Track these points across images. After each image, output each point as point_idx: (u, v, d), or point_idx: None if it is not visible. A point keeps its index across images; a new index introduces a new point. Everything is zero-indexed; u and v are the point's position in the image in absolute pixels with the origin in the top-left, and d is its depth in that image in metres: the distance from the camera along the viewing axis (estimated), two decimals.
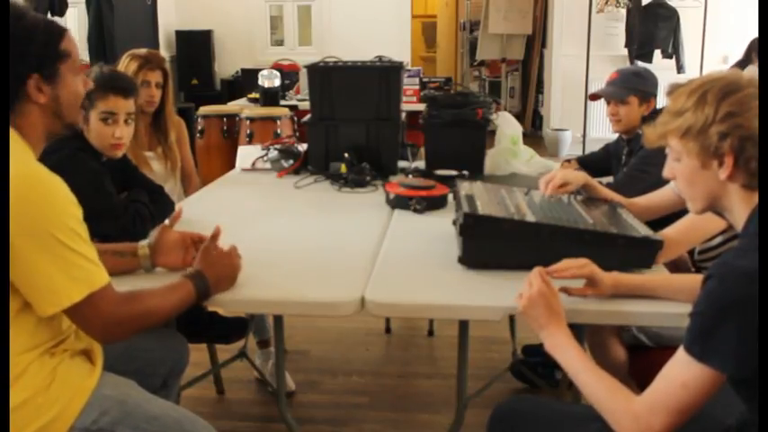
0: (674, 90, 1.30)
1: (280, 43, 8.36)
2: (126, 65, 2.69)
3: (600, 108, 2.80)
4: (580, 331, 1.94)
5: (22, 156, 1.32)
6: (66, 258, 1.28)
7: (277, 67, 6.15)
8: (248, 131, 4.21)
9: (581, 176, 2.07)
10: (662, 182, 2.03)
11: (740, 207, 1.23)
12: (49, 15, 5.36)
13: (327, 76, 2.83)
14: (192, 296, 1.50)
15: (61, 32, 1.40)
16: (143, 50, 2.80)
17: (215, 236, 1.62)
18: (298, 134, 4.14)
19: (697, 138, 1.21)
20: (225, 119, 4.44)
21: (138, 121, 2.65)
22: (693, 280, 1.43)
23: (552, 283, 1.43)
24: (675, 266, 1.96)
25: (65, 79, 1.39)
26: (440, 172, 2.62)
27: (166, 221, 1.73)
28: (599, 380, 1.28)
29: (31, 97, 1.35)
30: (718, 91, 1.20)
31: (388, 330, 3.34)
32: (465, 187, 1.97)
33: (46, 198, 1.27)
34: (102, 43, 6.07)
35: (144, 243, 1.67)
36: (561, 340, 1.36)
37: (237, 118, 4.42)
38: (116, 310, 1.36)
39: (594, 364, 1.32)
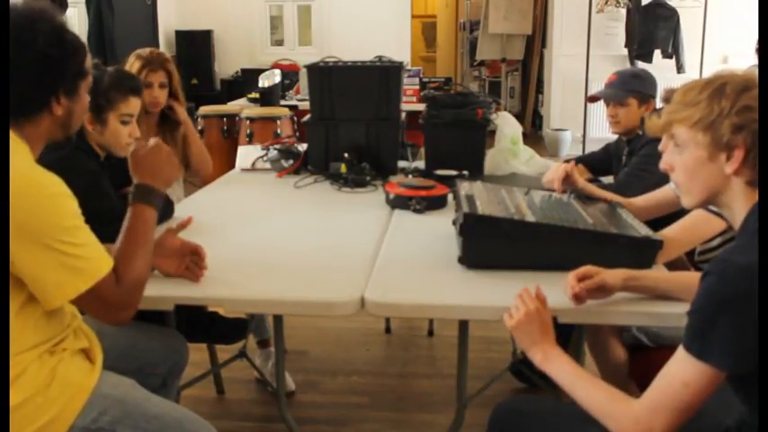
0: (669, 94, 1.30)
1: (280, 43, 8.36)
2: (131, 65, 2.72)
3: (600, 108, 2.79)
4: (580, 331, 1.95)
5: (20, 156, 1.33)
6: (68, 253, 1.29)
7: (277, 67, 6.15)
8: (248, 131, 4.21)
9: (579, 180, 2.09)
10: (664, 181, 2.03)
11: (740, 204, 1.23)
12: None
13: (327, 76, 2.83)
14: (153, 214, 1.49)
15: (86, 51, 1.44)
16: (147, 50, 2.81)
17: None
18: (298, 134, 4.15)
19: (709, 128, 1.20)
20: (225, 119, 4.44)
21: (143, 122, 2.67)
22: (695, 277, 1.44)
23: (546, 301, 1.45)
24: (674, 267, 1.96)
25: (81, 95, 1.45)
26: (440, 172, 2.62)
27: (173, 225, 1.72)
28: (596, 387, 1.29)
29: (51, 110, 1.39)
30: (738, 85, 1.20)
31: (388, 330, 3.34)
32: (465, 187, 1.97)
33: (43, 197, 1.28)
34: (102, 43, 6.08)
35: None
36: (552, 354, 1.38)
37: (237, 118, 4.42)
38: (118, 292, 1.36)
39: (589, 374, 1.33)
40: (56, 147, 1.87)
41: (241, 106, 4.94)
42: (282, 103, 5.05)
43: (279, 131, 4.19)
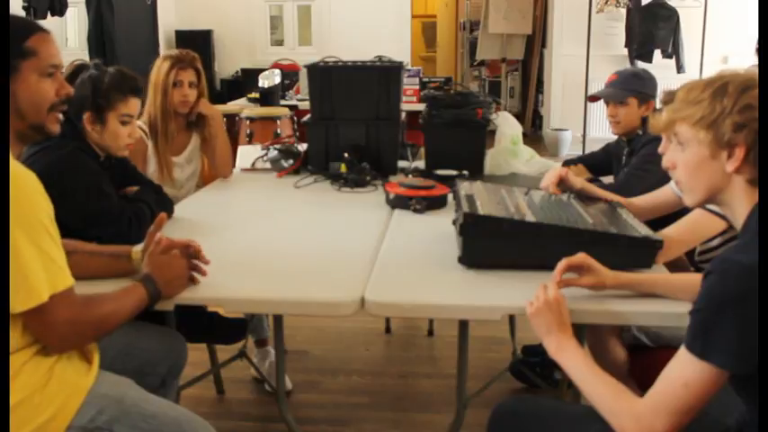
0: (669, 97, 1.30)
1: (280, 43, 8.37)
2: (159, 66, 2.67)
3: (600, 108, 2.80)
4: (580, 331, 1.94)
5: None
6: (32, 257, 1.24)
7: (277, 67, 6.14)
8: (248, 131, 4.21)
9: (578, 181, 2.08)
10: (664, 181, 2.03)
11: (741, 202, 1.23)
12: (49, 15, 5.37)
13: (327, 76, 2.83)
14: (144, 300, 1.50)
15: (29, 30, 1.40)
16: (175, 50, 2.80)
17: (159, 244, 1.60)
18: (298, 134, 4.14)
19: (711, 127, 1.21)
20: (225, 119, 4.43)
21: (172, 122, 2.66)
22: (694, 278, 1.44)
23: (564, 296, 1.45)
24: (674, 267, 1.96)
25: (25, 77, 1.39)
26: (440, 172, 2.62)
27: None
28: (603, 383, 1.29)
29: None
30: (740, 84, 1.21)
31: (388, 330, 3.34)
32: (465, 187, 1.97)
33: (17, 193, 1.24)
34: (102, 43, 6.08)
35: (138, 248, 1.66)
36: (568, 345, 1.38)
37: (237, 118, 4.42)
38: (76, 315, 1.34)
39: (599, 369, 1.33)
40: (56, 147, 1.88)
41: (241, 106, 4.93)
42: (282, 103, 5.05)
43: (279, 131, 4.18)
